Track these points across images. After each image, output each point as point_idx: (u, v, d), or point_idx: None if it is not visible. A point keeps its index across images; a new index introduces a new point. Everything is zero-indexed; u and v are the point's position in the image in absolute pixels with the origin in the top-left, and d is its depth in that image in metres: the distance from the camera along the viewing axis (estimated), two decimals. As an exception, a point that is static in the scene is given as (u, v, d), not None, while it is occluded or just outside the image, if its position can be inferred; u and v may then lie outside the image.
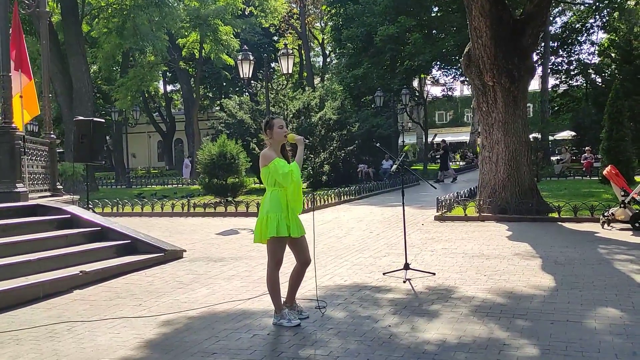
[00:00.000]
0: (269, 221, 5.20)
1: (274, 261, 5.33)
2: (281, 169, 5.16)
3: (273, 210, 5.21)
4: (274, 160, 5.22)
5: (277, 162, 5.21)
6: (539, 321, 5.23)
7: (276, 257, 5.33)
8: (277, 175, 5.18)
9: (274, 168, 5.18)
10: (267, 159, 5.25)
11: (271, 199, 5.26)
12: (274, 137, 5.34)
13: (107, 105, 39.62)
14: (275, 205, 5.23)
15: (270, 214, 5.21)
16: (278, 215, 5.20)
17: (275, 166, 5.18)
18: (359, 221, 13.14)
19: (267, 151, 5.32)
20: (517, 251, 8.76)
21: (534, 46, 13.39)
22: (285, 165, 5.21)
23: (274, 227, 5.17)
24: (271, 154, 5.28)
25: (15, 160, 9.47)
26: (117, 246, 8.76)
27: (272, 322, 5.37)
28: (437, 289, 6.51)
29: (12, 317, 5.93)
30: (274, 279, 5.36)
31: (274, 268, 5.34)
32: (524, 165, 12.98)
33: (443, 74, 38.33)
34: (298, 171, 5.24)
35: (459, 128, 63.21)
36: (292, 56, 16.14)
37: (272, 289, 5.37)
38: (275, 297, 5.37)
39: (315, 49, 58.47)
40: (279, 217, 5.19)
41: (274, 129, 5.34)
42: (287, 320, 5.30)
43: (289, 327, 5.23)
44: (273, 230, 5.18)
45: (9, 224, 8.30)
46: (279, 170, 5.16)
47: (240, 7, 34.40)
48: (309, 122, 23.86)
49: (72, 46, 27.20)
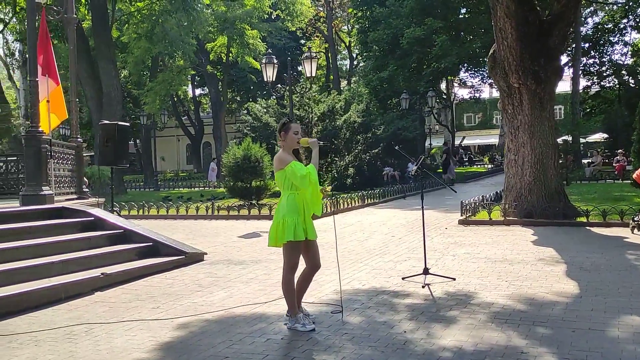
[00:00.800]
0: (285, 225, 5.15)
1: (289, 265, 5.28)
2: (299, 171, 5.11)
3: (290, 214, 5.16)
4: (291, 163, 5.17)
5: (294, 165, 5.16)
6: (559, 329, 5.11)
7: (292, 261, 5.28)
8: (294, 178, 5.13)
9: (291, 171, 5.13)
10: (283, 163, 5.21)
11: (288, 202, 5.21)
12: (287, 141, 5.29)
13: (137, 109, 40.12)
14: (292, 209, 5.18)
15: (287, 218, 5.16)
16: (295, 219, 5.15)
17: (292, 169, 5.13)
18: (382, 225, 13.05)
19: (282, 154, 5.28)
20: (541, 256, 8.60)
21: (561, 47, 13.15)
22: (302, 168, 5.16)
23: (292, 231, 5.12)
24: (287, 157, 5.24)
25: (42, 164, 9.62)
26: (139, 249, 8.82)
27: (287, 327, 5.33)
28: (456, 295, 6.41)
29: (33, 318, 6.01)
30: (290, 283, 5.32)
31: (289, 272, 5.30)
32: (551, 168, 12.75)
33: (470, 76, 37.96)
34: (315, 173, 5.19)
35: (487, 130, 62.56)
36: (316, 59, 16.14)
37: (287, 293, 5.34)
38: (291, 301, 5.34)
39: (342, 52, 58.46)
40: (296, 221, 5.15)
41: (289, 133, 5.29)
42: (302, 324, 5.25)
43: (304, 331, 5.20)
44: (290, 234, 5.12)
45: (34, 226, 8.43)
46: (296, 173, 5.11)
47: (267, 10, 34.58)
48: (334, 125, 23.83)
49: (102, 51, 27.62)
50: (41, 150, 9.55)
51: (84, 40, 28.13)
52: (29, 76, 9.76)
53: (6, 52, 47.50)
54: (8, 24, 32.67)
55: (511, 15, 12.10)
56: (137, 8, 30.09)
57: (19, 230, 8.08)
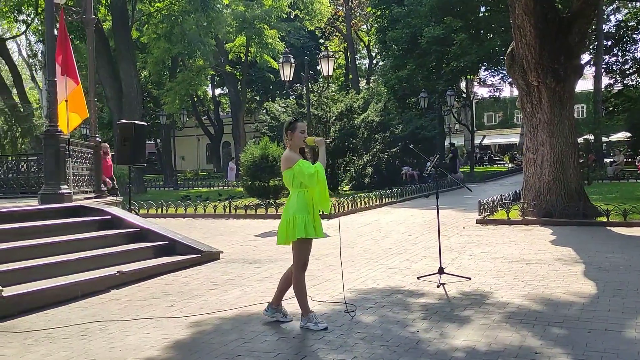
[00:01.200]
0: (296, 223, 5.17)
1: (300, 263, 5.31)
2: (306, 170, 5.15)
3: (300, 211, 5.19)
4: (299, 162, 5.21)
5: (301, 163, 5.20)
6: (575, 329, 5.04)
7: (302, 259, 5.31)
8: (302, 176, 5.16)
9: (299, 170, 5.17)
10: (290, 161, 5.24)
11: (298, 200, 5.23)
12: (294, 139, 5.33)
13: (157, 109, 40.44)
14: (302, 206, 5.20)
15: (298, 215, 5.18)
16: (305, 217, 5.18)
17: (300, 168, 5.17)
18: (399, 224, 13.00)
19: (289, 153, 5.32)
20: (559, 256, 8.49)
21: (581, 45, 12.97)
22: (310, 166, 5.19)
23: (302, 228, 5.15)
24: (294, 156, 5.28)
25: (60, 163, 9.72)
26: (156, 247, 8.87)
27: (299, 325, 5.32)
28: (471, 294, 6.35)
29: (49, 316, 6.06)
30: (301, 281, 5.33)
31: (300, 271, 5.32)
32: (570, 167, 12.59)
33: (490, 74, 37.61)
34: (323, 171, 5.22)
35: (508, 129, 62.03)
36: (333, 59, 16.11)
37: (299, 291, 5.34)
38: (302, 300, 5.34)
39: (361, 51, 58.34)
40: (307, 219, 5.17)
41: (295, 132, 5.33)
42: (314, 323, 5.24)
43: (316, 330, 5.19)
44: (301, 231, 5.15)
45: (52, 225, 8.53)
46: (304, 172, 5.14)
47: (285, 10, 34.64)
48: (352, 124, 23.79)
49: (122, 52, 27.88)
50: (60, 149, 9.65)
51: (104, 41, 28.42)
52: (48, 76, 9.86)
53: (29, 53, 48.19)
54: (30, 25, 33.07)
55: (530, 12, 11.97)
56: (157, 8, 30.30)
57: (37, 228, 8.18)
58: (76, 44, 29.10)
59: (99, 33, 26.74)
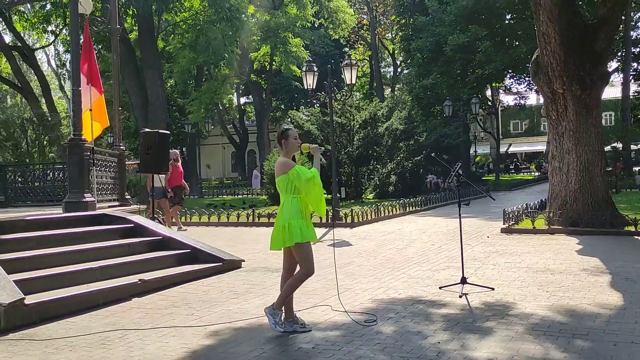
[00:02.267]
0: (292, 228, 5.29)
1: (306, 267, 5.41)
2: (304, 174, 5.27)
3: (295, 217, 5.31)
4: (295, 167, 5.33)
5: (298, 168, 5.32)
6: (600, 342, 4.92)
7: (310, 262, 5.41)
8: (299, 181, 5.27)
9: (296, 174, 5.28)
10: (286, 167, 5.35)
11: (292, 206, 5.35)
12: (288, 147, 5.47)
13: (183, 118, 40.82)
14: (296, 212, 5.33)
15: (293, 221, 5.30)
16: (300, 222, 5.30)
17: (297, 172, 5.28)
18: (422, 233, 12.89)
19: (285, 160, 5.45)
20: (585, 266, 8.33)
21: (607, 51, 12.76)
22: (307, 171, 5.32)
23: (298, 232, 5.28)
24: (290, 162, 5.41)
25: (84, 171, 9.83)
26: (178, 255, 8.90)
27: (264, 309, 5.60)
28: (494, 305, 6.24)
29: (70, 324, 6.10)
30: (299, 283, 5.51)
31: (304, 275, 5.45)
32: (597, 175, 12.38)
33: (516, 82, 37.25)
34: (318, 176, 5.34)
35: (534, 137, 61.32)
36: (356, 67, 16.08)
37: (290, 288, 5.49)
38: (284, 297, 5.50)
39: (386, 59, 58.28)
40: (302, 225, 5.29)
41: (289, 139, 5.47)
42: (274, 322, 5.43)
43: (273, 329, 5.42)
44: (298, 236, 5.27)
45: (75, 233, 8.61)
46: (301, 177, 5.26)
47: (310, 19, 34.77)
48: (376, 132, 23.72)
49: (148, 61, 28.23)
50: (84, 158, 9.77)
51: (131, 51, 28.82)
52: (73, 86, 10.00)
53: (57, 63, 49.03)
54: (59, 36, 33.65)
55: (554, 19, 11.82)
56: (183, 18, 30.62)
57: (60, 236, 8.26)
58: (103, 53, 29.58)
59: (126, 43, 27.14)
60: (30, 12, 32.05)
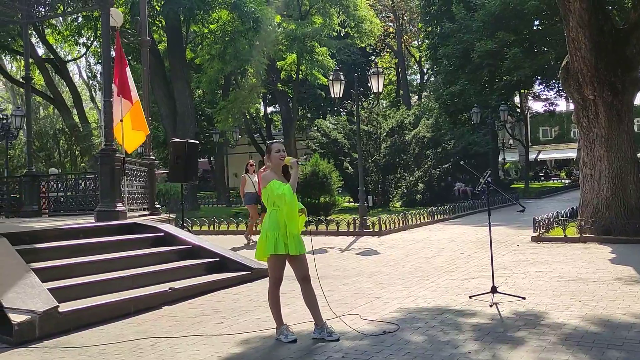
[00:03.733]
0: (267, 240, 5.46)
1: (273, 279, 5.62)
2: (276, 190, 5.43)
3: (271, 229, 5.46)
4: (271, 181, 5.50)
5: (273, 183, 5.49)
6: (635, 352, 4.82)
7: (275, 275, 5.61)
8: (273, 196, 5.44)
9: (270, 189, 5.46)
10: (265, 181, 5.58)
11: (270, 218, 5.52)
12: (272, 160, 5.64)
13: (211, 127, 41.20)
14: (274, 224, 5.46)
15: (269, 233, 5.47)
16: (276, 233, 5.43)
17: (271, 187, 5.47)
18: (451, 241, 12.79)
19: (267, 173, 5.63)
20: (619, 275, 8.18)
21: (639, 56, 12.56)
22: (279, 187, 5.43)
23: (272, 245, 5.44)
24: (269, 176, 5.58)
25: (115, 181, 10.00)
26: (207, 264, 8.98)
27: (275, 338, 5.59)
28: (525, 315, 6.16)
29: (103, 332, 6.19)
30: (274, 295, 5.63)
31: (273, 285, 5.63)
32: (630, 183, 12.16)
33: (545, 88, 36.81)
34: (291, 192, 5.40)
35: (564, 144, 60.39)
36: (383, 75, 16.08)
37: (272, 305, 5.64)
38: (276, 313, 5.64)
39: (412, 67, 58.12)
40: (277, 236, 5.43)
41: (272, 153, 5.65)
42: (284, 335, 5.53)
43: (285, 342, 5.45)
44: (271, 248, 5.44)
45: (107, 241, 8.75)
46: (274, 192, 5.43)
47: (336, 28, 34.88)
48: (403, 140, 23.66)
49: (177, 72, 28.60)
50: (115, 168, 9.93)
51: (160, 62, 29.22)
52: (104, 97, 10.17)
53: (88, 75, 49.88)
54: (90, 48, 34.28)
55: (584, 25, 11.68)
56: (210, 30, 30.95)
57: (92, 245, 8.40)
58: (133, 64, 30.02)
59: (155, 54, 27.55)
60: (62, 25, 32.69)
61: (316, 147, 24.47)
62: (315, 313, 5.66)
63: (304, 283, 5.67)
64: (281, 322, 5.63)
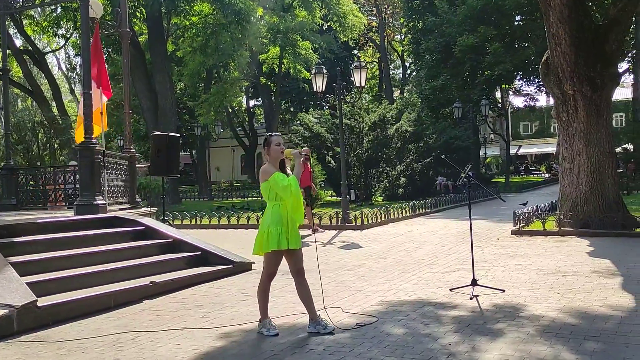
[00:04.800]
0: (269, 235, 5.36)
1: (268, 272, 5.60)
2: (280, 182, 5.31)
3: (274, 224, 5.36)
4: (274, 174, 5.37)
5: (276, 176, 5.35)
6: (612, 344, 4.90)
7: (271, 269, 5.58)
8: (277, 188, 5.31)
9: (274, 181, 5.34)
10: (266, 174, 5.42)
11: (272, 213, 5.41)
12: (271, 153, 5.51)
13: (192, 121, 40.99)
14: (277, 219, 5.37)
15: (272, 228, 5.36)
16: (279, 229, 5.35)
17: (275, 180, 5.33)
18: (432, 235, 12.87)
19: (267, 167, 5.49)
20: (596, 268, 8.29)
21: (617, 52, 12.69)
22: (284, 179, 5.34)
23: (275, 240, 5.35)
24: (270, 169, 5.45)
25: (95, 174, 9.90)
26: (188, 258, 8.93)
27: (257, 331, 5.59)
28: (505, 307, 6.23)
29: (82, 326, 6.15)
30: (265, 289, 5.65)
31: (266, 279, 5.63)
32: (608, 177, 12.31)
33: (525, 83, 37.07)
34: (296, 184, 5.34)
35: (544, 139, 60.95)
36: (365, 69, 16.07)
37: (261, 297, 5.65)
38: (263, 306, 5.62)
39: (395, 61, 58.23)
40: (280, 231, 5.35)
41: (271, 146, 5.51)
42: (267, 329, 5.51)
43: (268, 336, 5.44)
44: (274, 243, 5.35)
45: (86, 235, 8.66)
46: (278, 184, 5.31)
47: (318, 22, 34.83)
48: (385, 135, 23.71)
49: (158, 65, 28.37)
50: (94, 161, 9.83)
51: (141, 54, 28.96)
52: (84, 89, 10.06)
53: (68, 67, 49.37)
54: (69, 39, 33.87)
55: (564, 20, 11.78)
56: (192, 22, 30.74)
57: (72, 239, 8.32)
58: (113, 57, 29.74)
59: (135, 46, 27.29)
60: (40, 16, 32.29)
61: (299, 140, 24.44)
62: (309, 307, 5.60)
63: (299, 277, 5.63)
64: (266, 315, 5.60)
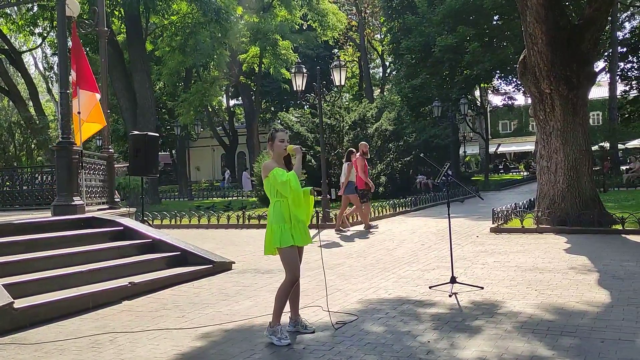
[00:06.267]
0: (273, 232, 5.26)
1: (290, 274, 5.28)
2: (279, 177, 5.18)
3: (276, 221, 5.26)
4: (274, 170, 5.25)
5: (276, 171, 5.23)
6: (588, 339, 4.96)
7: (292, 268, 5.27)
8: (276, 184, 5.21)
9: (273, 177, 5.22)
10: (267, 170, 5.32)
11: (274, 210, 5.31)
12: (274, 149, 5.43)
13: (172, 120, 40.74)
14: (278, 216, 5.27)
15: (274, 225, 5.27)
16: (281, 226, 5.24)
17: (274, 175, 5.22)
18: (412, 233, 12.94)
19: (268, 162, 5.40)
20: (573, 265, 8.39)
21: (593, 52, 12.86)
22: (283, 174, 5.21)
23: (278, 237, 5.23)
24: (271, 165, 5.34)
25: (73, 174, 9.81)
26: (168, 258, 8.89)
27: (264, 334, 5.34)
28: (483, 304, 6.29)
29: (60, 327, 6.09)
30: (287, 292, 5.33)
31: (288, 283, 5.30)
32: (584, 175, 12.47)
33: (504, 82, 37.41)
34: (296, 179, 5.21)
35: (523, 137, 61.60)
36: (345, 68, 16.11)
37: (278, 301, 5.33)
38: (278, 311, 5.32)
39: (375, 61, 58.38)
40: (282, 228, 5.23)
41: (275, 142, 5.42)
42: (278, 338, 5.20)
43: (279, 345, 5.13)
44: (277, 240, 5.23)
45: (64, 236, 8.58)
46: (277, 179, 5.19)
47: (298, 22, 34.80)
48: (365, 133, 23.78)
49: (136, 64, 28.15)
50: (72, 161, 9.73)
51: (119, 53, 28.72)
52: (61, 89, 9.95)
53: (45, 66, 48.75)
54: (46, 38, 33.47)
55: (541, 20, 11.91)
56: (171, 21, 30.54)
57: (49, 240, 8.23)
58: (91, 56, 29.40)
59: (113, 45, 27.06)
60: (16, 15, 31.85)
61: (279, 140, 24.38)
62: (295, 307, 5.54)
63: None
64: (279, 321, 5.30)
